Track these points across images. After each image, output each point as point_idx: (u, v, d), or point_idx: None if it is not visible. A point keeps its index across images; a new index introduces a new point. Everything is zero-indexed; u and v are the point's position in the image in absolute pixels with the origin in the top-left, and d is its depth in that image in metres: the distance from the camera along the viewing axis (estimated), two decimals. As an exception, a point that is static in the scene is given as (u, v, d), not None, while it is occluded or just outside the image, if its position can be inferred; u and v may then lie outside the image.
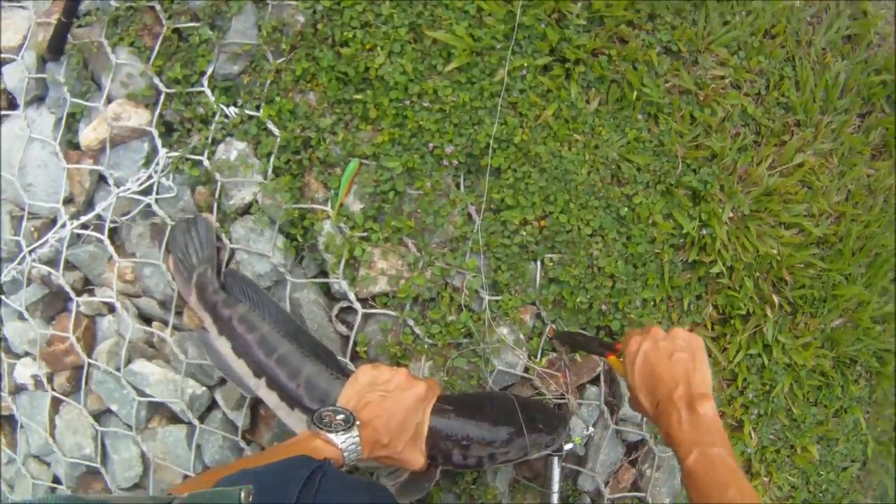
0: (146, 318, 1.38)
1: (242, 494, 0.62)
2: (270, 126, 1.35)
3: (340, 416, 0.97)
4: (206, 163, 1.36)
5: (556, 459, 1.30)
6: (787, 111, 1.57)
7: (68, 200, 1.44)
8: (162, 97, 1.41)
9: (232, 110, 1.38)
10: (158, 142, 1.39)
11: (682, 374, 0.91)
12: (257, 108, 1.37)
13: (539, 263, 1.35)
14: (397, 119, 1.32)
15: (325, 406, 1.01)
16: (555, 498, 1.32)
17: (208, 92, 1.39)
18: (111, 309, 1.38)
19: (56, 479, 1.43)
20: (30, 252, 1.40)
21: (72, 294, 1.38)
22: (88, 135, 1.44)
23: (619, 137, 1.42)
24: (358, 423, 0.96)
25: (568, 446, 1.28)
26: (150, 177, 1.38)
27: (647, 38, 1.45)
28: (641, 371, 0.95)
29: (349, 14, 1.36)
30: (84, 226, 1.41)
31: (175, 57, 1.44)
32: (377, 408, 1.01)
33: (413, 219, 1.30)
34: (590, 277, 1.36)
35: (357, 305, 1.28)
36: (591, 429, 1.35)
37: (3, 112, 1.55)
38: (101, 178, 1.44)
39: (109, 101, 1.45)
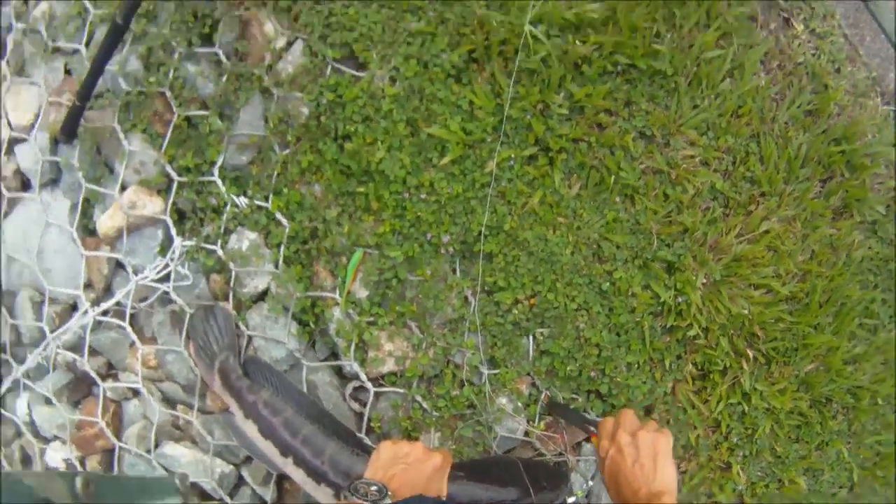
0: (170, 401, 1.60)
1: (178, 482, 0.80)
2: (280, 217, 1.59)
3: (374, 487, 1.17)
4: (220, 252, 1.58)
5: (561, 513, 1.55)
6: (752, 184, 1.84)
7: (87, 286, 1.66)
8: (175, 185, 1.62)
9: (242, 200, 1.61)
10: (173, 230, 1.61)
11: (644, 478, 1.11)
12: (266, 198, 1.60)
13: (531, 338, 1.60)
14: (397, 210, 1.57)
15: (351, 480, 1.24)
16: (564, 548, 1.57)
17: (219, 182, 1.61)
18: (135, 392, 1.60)
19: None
20: (54, 339, 1.61)
21: (98, 380, 1.60)
22: (105, 222, 1.65)
23: (599, 219, 1.68)
24: (389, 493, 1.19)
25: (571, 500, 1.54)
26: (166, 265, 1.60)
27: (623, 125, 1.71)
28: (609, 474, 1.17)
29: (351, 108, 1.60)
30: (104, 311, 1.62)
31: (186, 145, 1.65)
32: (401, 479, 1.23)
33: (415, 303, 1.55)
34: (578, 348, 1.63)
35: (368, 385, 1.53)
36: (590, 482, 1.62)
37: (18, 194, 1.75)
38: (119, 264, 1.66)
39: (123, 187, 1.65)
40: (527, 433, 1.59)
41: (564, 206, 1.65)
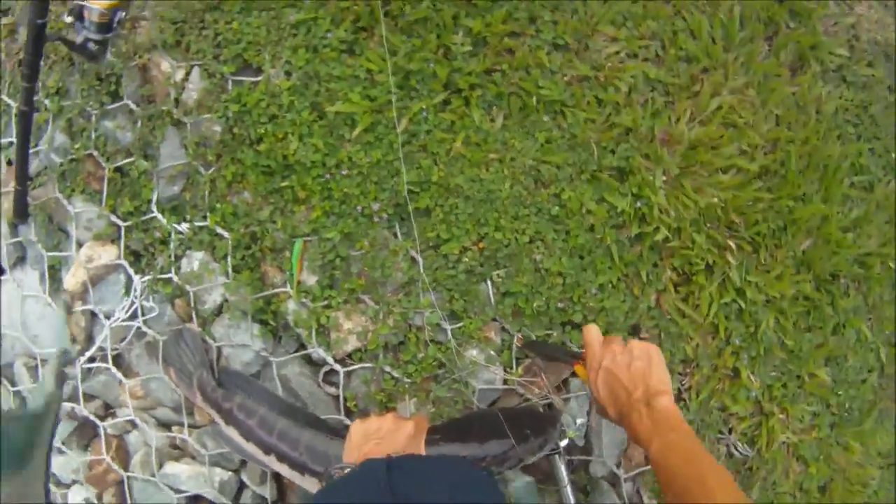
0: (165, 425, 1.76)
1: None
2: (220, 231, 1.70)
3: (348, 470, 1.24)
4: (175, 278, 1.71)
5: (556, 457, 1.57)
6: (689, 62, 1.82)
7: (71, 341, 1.82)
8: (122, 230, 1.77)
9: (183, 227, 1.74)
10: (131, 271, 1.76)
11: (640, 378, 1.13)
12: (204, 217, 1.72)
13: (489, 282, 1.65)
14: (324, 193, 1.65)
15: (329, 466, 1.33)
16: (567, 492, 1.59)
17: (159, 216, 1.75)
18: (134, 425, 1.76)
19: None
20: (52, 396, 1.80)
21: (97, 421, 1.78)
22: (70, 281, 1.82)
23: (532, 143, 1.71)
24: None
25: (563, 442, 1.55)
26: (132, 303, 1.75)
27: (532, 43, 1.73)
28: (605, 383, 1.18)
29: (256, 112, 1.69)
30: (91, 359, 1.79)
31: (122, 192, 1.80)
32: (376, 454, 1.30)
33: (363, 277, 1.63)
34: (540, 281, 1.66)
35: (337, 367, 1.62)
36: (581, 419, 1.65)
37: (-6, 281, 1.95)
38: (93, 315, 1.82)
39: (80, 245, 1.82)
40: (506, 381, 1.64)
41: (492, 141, 1.69)
